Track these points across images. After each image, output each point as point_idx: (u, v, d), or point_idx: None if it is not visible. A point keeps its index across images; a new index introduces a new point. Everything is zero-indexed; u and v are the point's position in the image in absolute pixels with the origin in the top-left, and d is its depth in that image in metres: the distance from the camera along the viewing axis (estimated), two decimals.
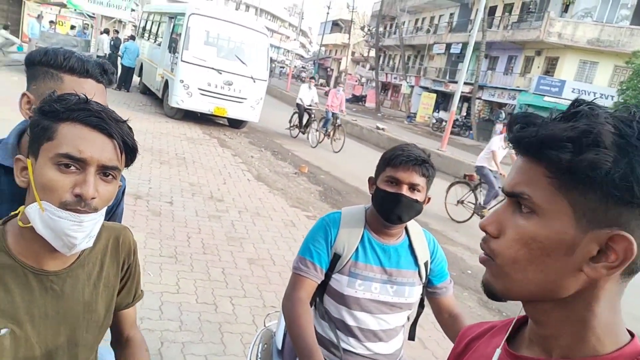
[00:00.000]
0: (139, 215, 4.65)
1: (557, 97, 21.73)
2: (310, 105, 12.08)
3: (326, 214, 1.67)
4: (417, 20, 38.83)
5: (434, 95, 30.11)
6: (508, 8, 27.53)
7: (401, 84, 34.24)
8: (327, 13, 53.60)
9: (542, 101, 22.04)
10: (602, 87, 21.95)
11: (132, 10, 20.13)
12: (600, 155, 0.54)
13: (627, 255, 0.54)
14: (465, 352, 0.83)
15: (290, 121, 12.54)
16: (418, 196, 1.48)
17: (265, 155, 9.39)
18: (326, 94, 35.10)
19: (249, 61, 10.99)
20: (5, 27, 14.56)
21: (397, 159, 1.47)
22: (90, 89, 1.23)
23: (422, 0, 35.27)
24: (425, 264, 1.62)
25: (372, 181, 1.58)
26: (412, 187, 1.47)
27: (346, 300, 1.54)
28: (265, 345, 1.80)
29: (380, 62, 37.37)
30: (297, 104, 12.17)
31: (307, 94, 12.11)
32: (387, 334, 1.58)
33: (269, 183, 7.18)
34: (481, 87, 26.29)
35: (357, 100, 37.32)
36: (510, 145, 0.63)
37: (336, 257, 1.54)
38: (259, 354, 1.78)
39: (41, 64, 1.23)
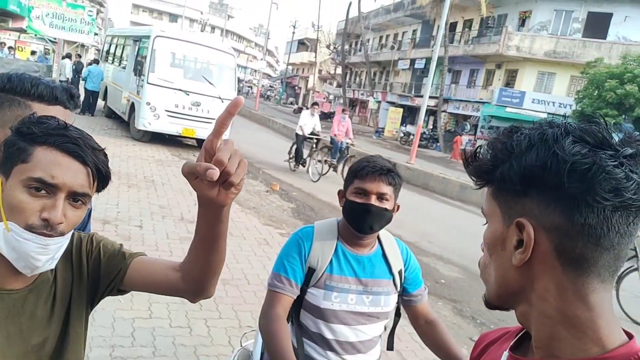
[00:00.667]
0: None
1: (518, 108, 22.52)
2: (312, 134, 10.74)
3: (299, 228, 1.69)
4: (381, 37, 39.72)
5: (401, 109, 30.70)
6: (468, 24, 28.49)
7: (368, 100, 34.80)
8: (293, 32, 54.26)
9: (504, 112, 22.76)
10: (560, 96, 22.85)
11: (95, 34, 19.89)
12: (485, 162, 0.66)
13: (530, 238, 0.61)
14: (480, 356, 0.86)
15: (289, 152, 11.17)
16: (387, 205, 1.51)
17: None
18: (294, 112, 35.37)
19: (216, 82, 10.99)
20: None
21: (363, 170, 1.51)
22: (58, 116, 1.17)
23: (385, 17, 36.17)
24: (400, 272, 1.64)
25: (341, 194, 1.61)
26: (380, 197, 1.51)
27: (323, 313, 1.54)
28: None
29: (347, 79, 38.00)
30: (296, 134, 10.88)
31: (310, 122, 10.84)
32: (365, 345, 1.59)
33: (241, 202, 7.13)
34: (446, 101, 26.98)
35: (325, 117, 37.67)
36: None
37: (311, 271, 1.55)
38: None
39: (5, 91, 1.20)
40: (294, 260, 1.56)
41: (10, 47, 16.17)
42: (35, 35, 11.50)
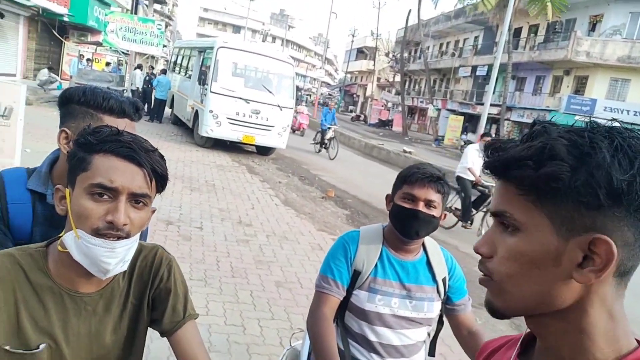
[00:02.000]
0: (170, 240, 4.79)
1: (589, 116, 21.23)
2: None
3: (345, 232, 1.73)
4: (441, 44, 39.04)
5: (461, 117, 29.94)
6: (533, 29, 27.41)
7: (428, 108, 34.25)
8: (352, 41, 54.55)
9: (573, 121, 21.55)
10: (635, 104, 21.40)
11: (164, 46, 20.99)
12: (557, 167, 0.57)
13: (609, 257, 0.56)
14: None
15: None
16: (434, 212, 1.52)
17: (292, 180, 9.52)
18: (353, 120, 35.41)
19: (275, 90, 11.29)
20: (50, 69, 15.44)
21: (413, 176, 1.52)
22: (127, 127, 1.27)
23: (445, 25, 35.52)
24: (444, 280, 1.64)
25: (389, 198, 1.63)
26: (428, 204, 1.52)
27: (367, 315, 1.57)
28: None
29: (406, 86, 37.57)
30: (459, 178, 12.24)
31: (478, 162, 12.27)
32: (408, 350, 1.60)
33: (297, 207, 7.26)
34: (509, 109, 26.03)
35: (383, 124, 37.45)
36: (486, 171, 0.68)
37: (356, 274, 1.58)
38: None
39: (80, 103, 1.31)
40: (340, 262, 1.59)
41: (88, 59, 17.44)
42: (110, 48, 12.34)
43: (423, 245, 1.66)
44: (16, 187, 1.28)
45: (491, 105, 17.64)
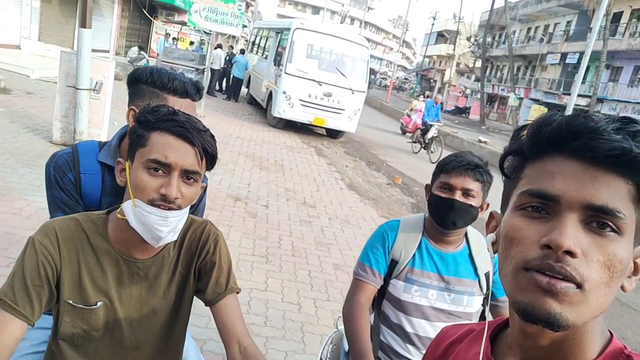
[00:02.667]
0: (237, 216, 4.99)
1: None
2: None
3: (387, 221, 1.72)
4: (529, 29, 36.72)
5: (545, 108, 28.16)
6: (636, 14, 25.00)
7: (509, 96, 32.55)
8: (432, 24, 52.75)
9: None
10: None
11: (244, 26, 21.53)
12: None
13: None
14: (445, 357, 0.82)
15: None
16: (472, 201, 1.49)
17: (359, 165, 9.51)
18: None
19: (348, 73, 11.24)
20: (140, 47, 16.43)
21: (449, 164, 1.50)
22: (187, 107, 1.41)
23: (535, 8, 33.31)
24: (487, 275, 1.59)
25: (428, 188, 1.61)
26: (466, 193, 1.49)
27: (403, 305, 1.57)
28: (335, 346, 1.87)
29: (487, 73, 35.92)
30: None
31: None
32: None
33: (361, 192, 7.27)
34: (600, 100, 24.11)
35: (460, 112, 36.18)
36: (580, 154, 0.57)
37: (394, 263, 1.59)
38: (329, 354, 1.86)
39: (147, 83, 1.41)
40: (377, 251, 1.60)
41: (174, 38, 18.32)
42: (194, 27, 12.87)
43: (466, 237, 1.62)
44: (89, 158, 1.42)
45: (579, 96, 16.43)
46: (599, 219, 0.55)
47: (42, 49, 13.39)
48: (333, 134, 12.04)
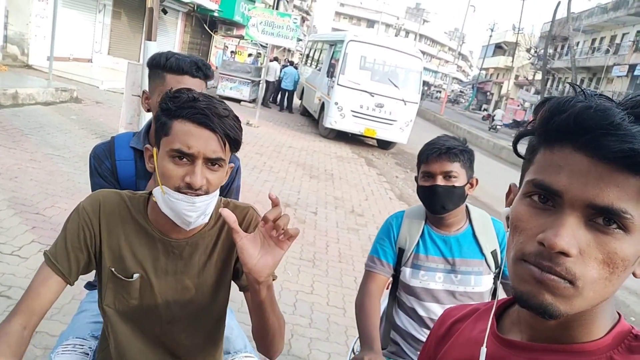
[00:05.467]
0: None
1: None
2: None
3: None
4: (593, 40, 35.13)
5: None
6: None
7: None
8: (490, 36, 51.60)
9: None
10: None
11: (299, 40, 21.99)
12: None
13: None
14: (449, 335, 0.83)
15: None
16: (455, 182, 1.54)
17: (410, 176, 9.43)
18: (484, 118, 33.59)
19: (401, 84, 11.22)
20: None
21: (424, 154, 1.59)
22: (189, 84, 1.46)
23: (600, 18, 31.85)
24: (493, 253, 1.62)
25: (416, 180, 1.68)
26: (446, 175, 1.55)
27: (413, 290, 1.64)
28: None
29: (548, 85, 34.57)
30: None
31: None
32: None
33: (411, 203, 7.21)
34: None
35: (518, 125, 34.91)
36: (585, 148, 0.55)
37: (401, 251, 1.66)
38: (359, 347, 1.92)
39: (152, 66, 1.52)
40: (384, 242, 1.68)
41: (232, 52, 19.03)
42: (251, 40, 13.31)
43: (469, 217, 1.66)
44: (123, 147, 1.55)
45: None
46: (605, 216, 0.54)
47: (111, 62, 14.31)
48: (384, 145, 12.02)
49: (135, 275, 1.13)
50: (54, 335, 2.46)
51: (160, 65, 1.49)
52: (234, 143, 1.07)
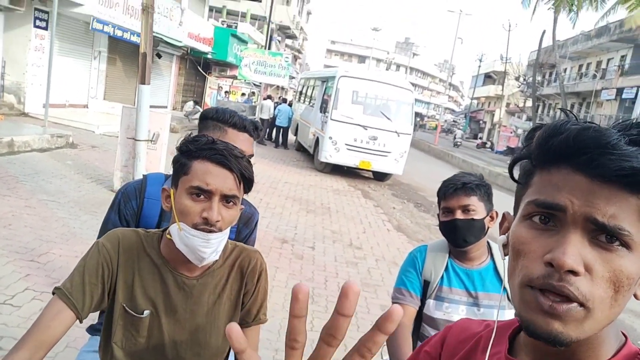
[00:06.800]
0: (283, 258, 5.07)
1: None
2: None
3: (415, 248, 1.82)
4: (580, 65, 35.89)
5: None
6: None
7: None
8: (479, 66, 52.70)
9: None
10: None
11: (292, 77, 22.39)
12: None
13: None
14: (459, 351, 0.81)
15: None
16: (473, 215, 1.59)
17: (407, 206, 9.43)
18: (478, 147, 33.91)
19: (393, 116, 11.39)
20: (195, 102, 17.47)
21: (442, 190, 1.65)
22: (244, 140, 1.61)
23: (585, 45, 32.66)
24: None
25: (438, 217, 1.74)
26: (464, 209, 1.59)
27: (437, 323, 1.64)
28: None
29: (539, 111, 35.09)
30: None
31: None
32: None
33: (409, 234, 7.18)
34: None
35: (512, 152, 35.23)
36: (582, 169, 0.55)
37: (426, 284, 1.68)
38: None
39: (212, 119, 1.63)
40: (410, 274, 1.70)
41: (226, 92, 19.37)
42: (244, 80, 13.57)
43: (491, 252, 1.70)
44: (154, 186, 1.59)
45: None
46: (606, 234, 0.54)
47: (107, 106, 14.49)
48: (380, 176, 12.08)
49: (146, 312, 1.15)
50: None
51: (224, 120, 1.62)
52: (248, 182, 1.14)
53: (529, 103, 36.10)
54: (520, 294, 0.58)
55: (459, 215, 1.59)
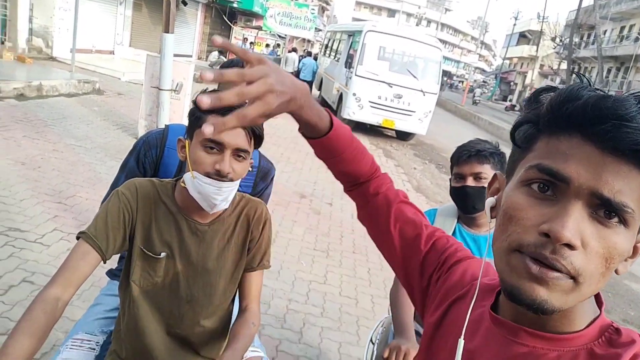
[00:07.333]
0: (301, 212, 5.15)
1: None
2: None
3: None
4: (622, 27, 34.06)
5: None
6: None
7: None
8: (514, 24, 50.51)
9: None
10: None
11: (319, 30, 21.90)
12: None
13: None
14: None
15: None
16: (484, 183, 1.60)
17: (428, 167, 9.38)
18: (507, 109, 33.01)
19: (420, 75, 11.12)
20: (220, 52, 17.29)
21: (455, 156, 1.66)
22: None
23: (630, 5, 30.87)
24: None
25: (450, 182, 1.75)
26: (476, 177, 1.61)
27: None
28: (384, 329, 1.96)
29: (573, 75, 33.70)
30: None
31: None
32: None
33: (428, 195, 7.18)
34: None
35: None
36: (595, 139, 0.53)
37: None
38: (379, 335, 1.94)
39: (228, 67, 1.64)
40: None
41: (251, 43, 19.11)
42: (269, 32, 13.34)
43: None
44: (174, 136, 1.64)
45: None
46: (606, 209, 0.53)
47: (133, 53, 14.51)
48: (403, 136, 11.95)
49: (162, 254, 1.24)
50: (72, 320, 2.56)
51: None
52: (258, 139, 1.23)
53: (564, 65, 34.70)
54: (505, 258, 0.58)
55: (470, 182, 1.61)
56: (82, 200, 4.14)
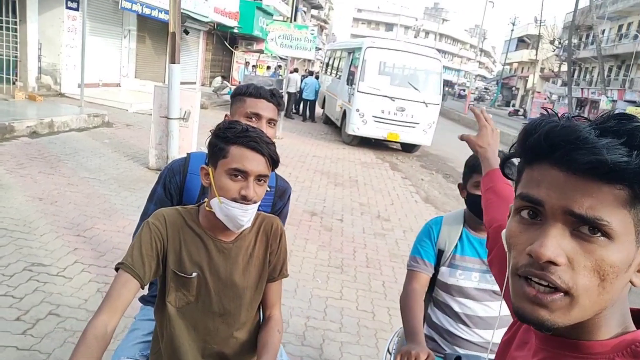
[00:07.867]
0: (313, 230, 5.23)
1: None
2: None
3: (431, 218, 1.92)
4: (620, 26, 34.14)
5: None
6: None
7: (600, 99, 30.35)
8: (512, 30, 50.81)
9: None
10: None
11: (319, 49, 22.19)
12: None
13: None
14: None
15: None
16: None
17: (436, 178, 9.43)
18: (510, 114, 33.03)
19: (421, 87, 11.25)
20: (223, 77, 17.61)
21: (473, 164, 1.69)
22: (263, 106, 1.76)
23: (626, 3, 30.99)
24: None
25: (461, 187, 1.80)
26: None
27: (450, 288, 1.77)
28: (399, 338, 2.02)
29: (575, 76, 33.81)
30: None
31: None
32: (495, 322, 1.71)
33: (438, 205, 7.23)
34: None
35: None
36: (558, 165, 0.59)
37: (440, 252, 1.79)
38: (395, 345, 2.00)
39: (235, 95, 1.81)
40: (425, 244, 1.81)
41: (253, 66, 19.41)
42: (270, 54, 13.58)
43: None
44: (196, 163, 1.77)
45: None
46: (587, 225, 0.56)
47: (138, 84, 14.81)
48: (408, 148, 12.04)
49: (194, 273, 1.35)
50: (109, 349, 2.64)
51: (242, 92, 1.79)
52: (275, 163, 1.34)
53: (564, 67, 34.76)
54: (512, 282, 0.63)
55: None
56: (99, 232, 4.25)
